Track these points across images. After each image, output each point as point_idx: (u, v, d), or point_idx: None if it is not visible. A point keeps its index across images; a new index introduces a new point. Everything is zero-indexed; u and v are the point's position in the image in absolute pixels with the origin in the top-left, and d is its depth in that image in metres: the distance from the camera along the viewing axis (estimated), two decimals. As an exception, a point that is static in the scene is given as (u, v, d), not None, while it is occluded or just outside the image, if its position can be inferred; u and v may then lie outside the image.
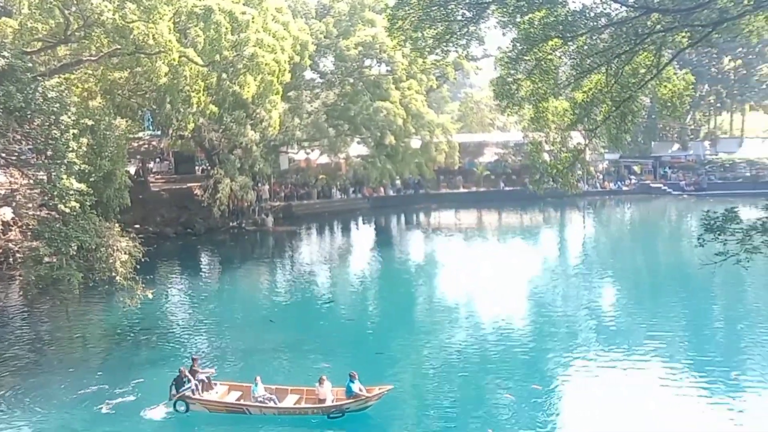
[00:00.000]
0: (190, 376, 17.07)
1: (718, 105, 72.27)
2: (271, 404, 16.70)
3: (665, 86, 17.33)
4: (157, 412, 16.90)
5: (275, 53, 34.71)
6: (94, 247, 20.63)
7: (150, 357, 21.29)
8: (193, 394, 16.84)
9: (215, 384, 17.59)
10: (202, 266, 38.13)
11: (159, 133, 46.39)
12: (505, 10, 15.80)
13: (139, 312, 24.13)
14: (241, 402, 16.93)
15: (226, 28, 30.00)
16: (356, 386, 16.43)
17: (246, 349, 21.85)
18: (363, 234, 50.04)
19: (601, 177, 62.92)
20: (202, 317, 26.18)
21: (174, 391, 16.85)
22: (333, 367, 19.06)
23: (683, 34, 15.91)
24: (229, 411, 16.79)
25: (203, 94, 31.39)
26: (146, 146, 48.21)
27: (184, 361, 19.32)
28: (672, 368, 19.39)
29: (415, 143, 54.45)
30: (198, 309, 27.56)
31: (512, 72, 17.19)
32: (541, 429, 15.93)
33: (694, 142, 68.08)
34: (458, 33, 16.49)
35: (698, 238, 13.41)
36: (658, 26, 15.33)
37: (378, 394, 16.43)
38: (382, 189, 57.06)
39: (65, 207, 18.82)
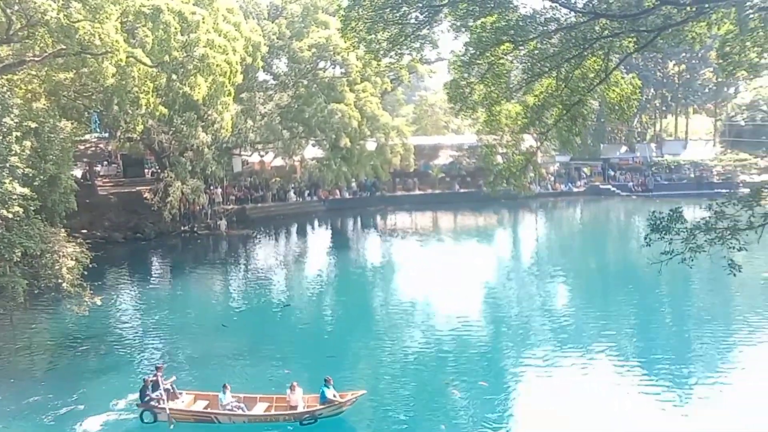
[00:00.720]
0: (159, 384, 16.63)
1: (664, 108, 74.58)
2: (240, 412, 16.40)
3: (613, 90, 17.71)
4: (107, 422, 16.46)
5: (226, 54, 34.25)
6: (39, 253, 20.03)
7: (98, 366, 20.70)
8: (159, 403, 16.42)
9: (180, 393, 17.17)
10: (152, 272, 37.27)
11: (106, 135, 45.28)
12: (457, 14, 15.94)
13: (88, 319, 23.48)
14: (210, 410, 16.57)
15: (176, 29, 29.54)
16: (330, 392, 16.31)
17: (200, 355, 21.44)
18: (319, 237, 49.80)
19: (552, 179, 64.06)
20: (152, 324, 25.56)
21: (140, 401, 16.48)
22: (292, 372, 18.91)
23: (630, 39, 16.29)
24: (197, 420, 16.46)
25: (152, 96, 30.76)
26: (93, 149, 46.91)
27: (137, 369, 18.85)
28: (621, 366, 19.90)
29: (371, 145, 54.45)
30: (148, 316, 26.89)
31: (465, 75, 17.37)
32: (489, 422, 16.27)
33: (640, 144, 69.99)
34: (411, 36, 16.54)
35: (645, 238, 13.68)
36: (606, 31, 15.66)
37: (351, 399, 16.36)
38: (337, 191, 56.87)
39: (8, 212, 18.28)
